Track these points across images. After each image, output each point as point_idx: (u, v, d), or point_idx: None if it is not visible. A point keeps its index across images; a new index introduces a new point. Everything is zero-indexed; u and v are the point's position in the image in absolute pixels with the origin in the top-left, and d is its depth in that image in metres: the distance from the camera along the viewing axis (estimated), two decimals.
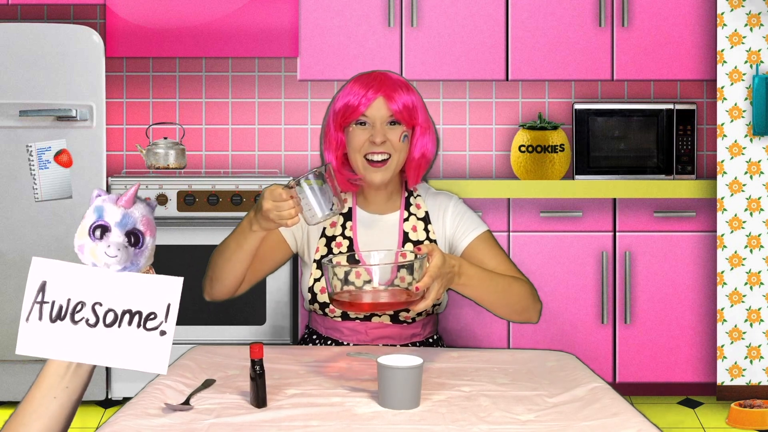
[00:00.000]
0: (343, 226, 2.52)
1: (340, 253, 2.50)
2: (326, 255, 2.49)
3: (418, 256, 2.10)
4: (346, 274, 2.12)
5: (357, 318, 2.49)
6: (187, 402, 1.94)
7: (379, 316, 2.48)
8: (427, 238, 2.53)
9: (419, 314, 2.48)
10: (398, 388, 1.90)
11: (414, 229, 2.53)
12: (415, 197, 2.57)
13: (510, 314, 2.42)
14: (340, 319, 2.50)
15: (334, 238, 2.51)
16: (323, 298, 2.48)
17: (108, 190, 4.03)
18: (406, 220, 2.54)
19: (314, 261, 2.50)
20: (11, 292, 3.98)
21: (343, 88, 2.51)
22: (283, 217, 2.19)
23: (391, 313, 2.46)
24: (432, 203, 2.57)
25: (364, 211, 2.55)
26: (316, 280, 2.49)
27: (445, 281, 2.16)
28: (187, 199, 4.02)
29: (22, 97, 3.95)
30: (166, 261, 4.06)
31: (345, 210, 2.54)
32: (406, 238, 2.52)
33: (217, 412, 1.89)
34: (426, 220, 2.54)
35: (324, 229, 2.52)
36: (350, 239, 2.51)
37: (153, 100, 4.57)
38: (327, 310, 2.50)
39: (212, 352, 2.35)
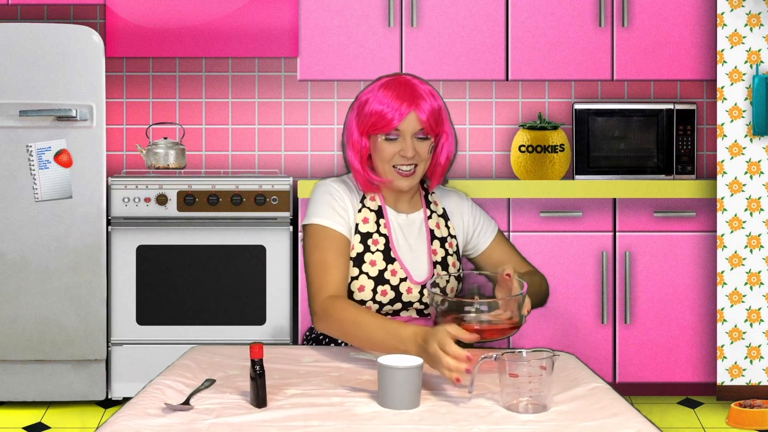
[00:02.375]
0: (377, 223, 2.58)
1: (377, 249, 2.54)
2: (363, 252, 2.52)
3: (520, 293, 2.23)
4: (462, 305, 2.18)
5: (387, 314, 2.54)
6: (187, 402, 1.94)
7: (407, 310, 2.55)
8: (449, 234, 2.63)
9: None
10: (398, 388, 1.90)
11: (438, 225, 2.63)
12: (431, 195, 2.69)
13: (535, 305, 2.61)
14: None
15: (370, 235, 2.55)
16: (360, 296, 2.51)
17: (108, 189, 4.03)
18: (429, 217, 2.63)
19: (350, 259, 2.53)
20: (11, 292, 3.98)
21: (371, 91, 2.54)
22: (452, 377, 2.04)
23: (420, 307, 2.56)
24: (447, 201, 2.70)
25: (392, 209, 2.61)
26: (354, 278, 2.52)
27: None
28: (187, 199, 4.02)
29: (22, 97, 3.95)
30: (166, 261, 4.07)
31: (375, 208, 2.59)
32: (432, 235, 2.61)
33: (217, 412, 1.89)
34: (445, 216, 2.66)
35: (357, 225, 2.56)
36: (386, 236, 2.57)
37: (153, 100, 4.57)
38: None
39: (212, 352, 2.35)
